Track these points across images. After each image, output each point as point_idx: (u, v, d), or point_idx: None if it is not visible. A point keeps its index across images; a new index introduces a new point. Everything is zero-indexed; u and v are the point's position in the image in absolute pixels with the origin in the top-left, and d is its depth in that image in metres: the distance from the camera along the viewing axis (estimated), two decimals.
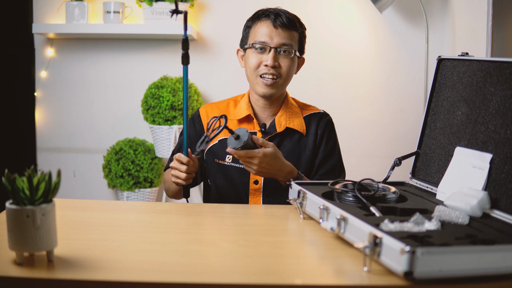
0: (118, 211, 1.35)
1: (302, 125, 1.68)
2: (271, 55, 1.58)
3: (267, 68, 1.59)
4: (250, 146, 1.41)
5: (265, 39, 1.59)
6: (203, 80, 2.82)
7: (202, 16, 2.81)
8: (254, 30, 1.64)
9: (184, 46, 1.38)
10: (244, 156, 1.42)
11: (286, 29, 1.60)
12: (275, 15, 1.60)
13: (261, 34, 1.60)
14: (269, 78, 1.60)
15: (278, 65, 1.60)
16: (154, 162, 2.72)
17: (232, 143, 1.41)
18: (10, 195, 0.93)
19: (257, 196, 1.64)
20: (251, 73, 1.63)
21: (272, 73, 1.60)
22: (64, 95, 2.86)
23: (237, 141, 1.40)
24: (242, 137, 1.39)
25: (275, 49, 1.59)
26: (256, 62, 1.61)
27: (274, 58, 1.59)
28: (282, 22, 1.59)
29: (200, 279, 0.88)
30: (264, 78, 1.61)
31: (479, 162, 1.19)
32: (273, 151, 1.45)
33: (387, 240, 0.90)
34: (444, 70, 1.41)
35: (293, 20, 1.62)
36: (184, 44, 1.38)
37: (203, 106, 1.78)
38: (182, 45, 1.39)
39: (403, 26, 2.78)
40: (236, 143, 1.40)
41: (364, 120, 2.83)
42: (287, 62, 1.61)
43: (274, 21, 1.59)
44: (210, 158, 1.68)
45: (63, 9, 2.78)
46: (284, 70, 1.61)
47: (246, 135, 1.39)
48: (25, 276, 0.88)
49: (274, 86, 1.61)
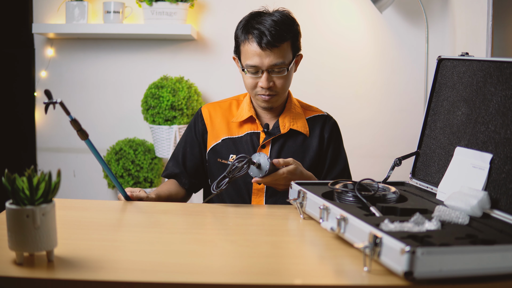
0: (118, 211, 1.35)
1: (306, 126, 1.68)
2: (264, 77, 1.57)
3: (263, 90, 1.59)
4: (271, 170, 1.43)
5: (255, 63, 1.56)
6: (203, 80, 2.83)
7: (202, 16, 2.81)
8: (243, 48, 1.59)
9: (75, 126, 1.38)
10: (271, 181, 1.44)
11: (274, 47, 1.55)
12: (260, 35, 1.53)
13: (251, 57, 1.57)
14: (266, 95, 1.61)
15: (273, 84, 1.59)
16: (154, 162, 2.72)
17: (255, 172, 1.42)
18: (10, 195, 0.93)
19: (260, 196, 1.64)
20: (249, 91, 1.65)
21: (269, 94, 1.60)
22: (64, 95, 2.85)
23: (259, 170, 1.42)
24: (264, 167, 1.41)
25: (267, 71, 1.57)
26: (251, 84, 1.61)
27: (267, 80, 1.57)
28: (268, 42, 1.53)
29: (200, 279, 0.88)
30: (262, 96, 1.61)
31: (479, 162, 1.19)
32: (296, 167, 1.47)
33: (387, 240, 0.90)
34: (444, 70, 1.41)
35: (281, 32, 1.55)
36: (74, 125, 1.38)
37: (205, 106, 1.77)
38: (73, 125, 1.38)
39: (403, 26, 2.78)
40: (258, 172, 1.42)
41: (364, 120, 2.83)
42: (282, 79, 1.59)
43: (259, 43, 1.54)
44: (213, 158, 1.68)
45: (63, 9, 2.78)
46: (279, 87, 1.60)
47: (267, 164, 1.41)
48: (25, 276, 0.88)
49: (272, 100, 1.62)
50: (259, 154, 1.42)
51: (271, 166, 1.42)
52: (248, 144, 1.66)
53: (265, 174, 1.41)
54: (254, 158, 1.42)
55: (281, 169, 1.44)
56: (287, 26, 1.58)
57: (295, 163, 1.47)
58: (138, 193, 1.49)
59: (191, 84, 2.70)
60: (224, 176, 1.43)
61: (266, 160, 1.41)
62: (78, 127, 1.36)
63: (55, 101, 1.29)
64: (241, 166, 1.40)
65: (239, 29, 1.62)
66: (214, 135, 1.70)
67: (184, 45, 2.82)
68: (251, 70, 1.58)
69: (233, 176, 1.42)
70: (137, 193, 1.49)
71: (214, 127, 1.71)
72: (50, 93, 1.28)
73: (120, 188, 1.44)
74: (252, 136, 1.67)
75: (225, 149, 1.67)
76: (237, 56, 1.66)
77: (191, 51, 2.83)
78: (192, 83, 2.72)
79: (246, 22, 1.61)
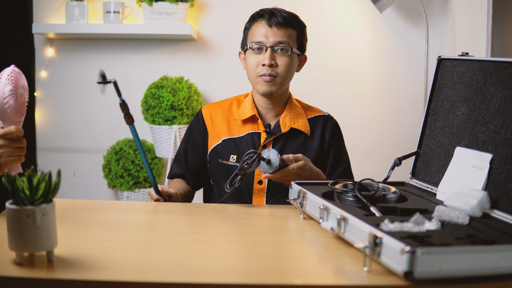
0: (118, 211, 1.35)
1: (307, 126, 1.68)
2: (267, 54, 1.59)
3: (265, 68, 1.60)
4: (281, 166, 1.43)
5: (261, 39, 1.61)
6: (203, 80, 2.83)
7: (202, 16, 2.81)
8: (251, 31, 1.65)
9: (123, 109, 1.37)
10: (281, 176, 1.44)
11: (281, 27, 1.60)
12: (270, 14, 1.62)
13: (257, 35, 1.62)
14: (267, 76, 1.60)
15: (275, 64, 1.60)
16: (154, 162, 2.72)
17: (265, 168, 1.42)
18: (10, 195, 0.93)
19: (261, 196, 1.64)
20: (251, 74, 1.64)
21: (270, 73, 1.60)
22: (64, 95, 2.86)
23: (269, 166, 1.42)
24: (274, 162, 1.41)
25: (272, 48, 1.60)
26: (254, 63, 1.62)
27: (270, 56, 1.59)
28: (276, 21, 1.60)
29: (200, 279, 0.88)
30: (263, 77, 1.61)
31: (479, 162, 1.19)
32: (305, 163, 1.47)
33: (387, 240, 0.90)
34: (444, 70, 1.41)
35: (289, 18, 1.63)
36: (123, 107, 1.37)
37: (205, 106, 1.77)
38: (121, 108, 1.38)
39: (403, 26, 2.78)
40: (268, 167, 1.42)
41: (364, 120, 2.83)
42: (285, 60, 1.61)
43: (268, 20, 1.61)
44: (214, 158, 1.68)
45: (63, 9, 2.78)
46: (281, 69, 1.61)
47: (277, 160, 1.41)
48: (25, 276, 0.88)
49: (273, 83, 1.62)
50: (268, 150, 1.42)
51: (281, 162, 1.42)
52: (249, 144, 1.66)
53: (275, 170, 1.41)
54: (264, 154, 1.42)
55: (291, 165, 1.44)
56: (296, 19, 1.66)
57: (305, 159, 1.47)
58: (168, 189, 1.50)
59: (191, 84, 2.70)
60: (236, 174, 1.43)
61: (276, 156, 1.41)
62: (126, 111, 1.36)
63: (109, 81, 1.29)
64: (252, 161, 1.40)
65: (249, 20, 1.68)
66: (214, 135, 1.70)
67: (184, 45, 2.82)
68: (255, 46, 1.61)
69: (245, 173, 1.42)
70: (167, 189, 1.49)
71: (214, 128, 1.71)
72: (104, 73, 1.28)
73: (154, 183, 1.45)
74: (253, 136, 1.67)
75: (225, 150, 1.67)
76: (243, 48, 1.69)
77: (191, 51, 2.83)
78: (192, 83, 2.72)
79: (256, 13, 1.67)
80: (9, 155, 1.23)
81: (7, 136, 1.22)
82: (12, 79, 1.22)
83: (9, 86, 1.21)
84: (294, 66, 1.66)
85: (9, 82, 1.22)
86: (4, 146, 1.22)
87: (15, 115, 1.25)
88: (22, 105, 1.26)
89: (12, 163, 1.25)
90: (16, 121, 1.26)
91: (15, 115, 1.25)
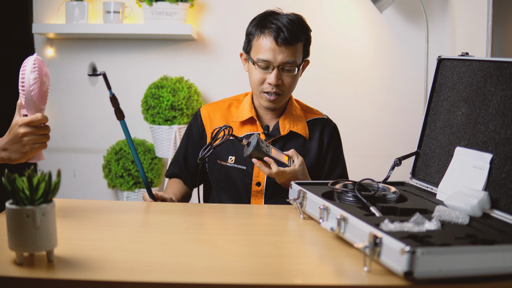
0: (118, 211, 1.35)
1: (305, 129, 1.68)
2: (274, 73, 1.56)
3: (270, 86, 1.59)
4: (260, 150, 1.44)
5: (268, 58, 1.56)
6: (203, 80, 2.82)
7: (202, 16, 2.81)
8: (256, 43, 1.59)
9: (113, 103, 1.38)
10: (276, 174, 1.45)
11: (289, 46, 1.55)
12: (277, 30, 1.55)
13: (264, 51, 1.56)
14: (272, 94, 1.60)
15: (281, 82, 1.59)
16: (154, 162, 2.72)
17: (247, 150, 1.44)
18: (10, 195, 0.93)
19: (259, 198, 1.63)
20: (255, 87, 1.63)
21: (275, 91, 1.59)
22: (64, 95, 2.86)
23: (249, 147, 1.44)
24: (252, 142, 1.43)
25: (278, 68, 1.57)
26: (259, 79, 1.60)
27: (277, 76, 1.57)
28: (284, 39, 1.54)
29: (200, 279, 0.88)
30: (267, 94, 1.61)
31: (479, 162, 1.19)
32: (302, 168, 1.49)
33: (387, 240, 0.90)
34: (444, 70, 1.41)
35: (296, 31, 1.56)
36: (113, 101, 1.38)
37: (203, 106, 1.77)
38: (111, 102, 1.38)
39: (403, 26, 2.78)
40: (248, 149, 1.44)
41: (364, 120, 2.83)
42: (290, 79, 1.59)
43: (276, 38, 1.54)
44: (212, 159, 1.68)
45: (63, 9, 2.78)
46: (286, 87, 1.60)
47: (255, 139, 1.43)
48: (25, 276, 0.88)
49: (277, 101, 1.62)
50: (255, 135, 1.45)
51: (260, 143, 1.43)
52: None
53: (253, 148, 1.42)
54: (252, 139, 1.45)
55: (289, 167, 1.46)
56: (303, 28, 1.60)
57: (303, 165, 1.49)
58: (162, 194, 1.52)
59: (191, 84, 2.70)
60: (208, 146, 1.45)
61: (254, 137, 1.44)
62: (116, 105, 1.36)
63: (98, 73, 1.30)
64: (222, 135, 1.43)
65: (253, 25, 1.62)
66: None
67: (184, 45, 2.82)
68: (262, 64, 1.57)
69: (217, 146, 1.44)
70: (161, 194, 1.52)
71: (212, 128, 1.71)
72: (95, 65, 1.29)
73: (146, 184, 1.47)
74: None
75: (224, 150, 1.67)
76: (246, 53, 1.65)
77: (191, 51, 2.83)
78: (192, 83, 2.72)
79: (261, 18, 1.61)
80: (35, 142, 1.27)
81: (33, 123, 1.25)
82: (36, 67, 1.24)
83: (34, 74, 1.24)
84: (298, 78, 1.65)
85: (34, 70, 1.24)
86: (30, 133, 1.26)
87: (40, 102, 1.27)
88: (45, 93, 1.28)
89: (37, 150, 1.28)
90: (40, 108, 1.29)
91: (40, 103, 1.27)
